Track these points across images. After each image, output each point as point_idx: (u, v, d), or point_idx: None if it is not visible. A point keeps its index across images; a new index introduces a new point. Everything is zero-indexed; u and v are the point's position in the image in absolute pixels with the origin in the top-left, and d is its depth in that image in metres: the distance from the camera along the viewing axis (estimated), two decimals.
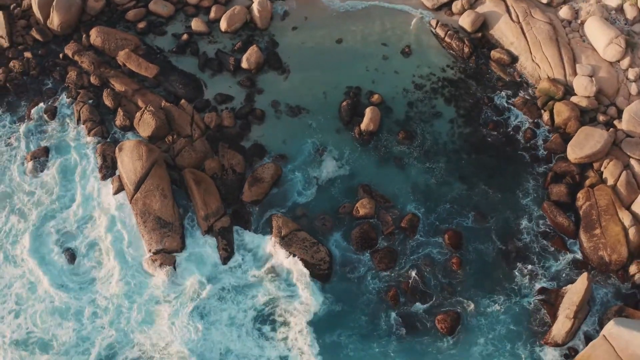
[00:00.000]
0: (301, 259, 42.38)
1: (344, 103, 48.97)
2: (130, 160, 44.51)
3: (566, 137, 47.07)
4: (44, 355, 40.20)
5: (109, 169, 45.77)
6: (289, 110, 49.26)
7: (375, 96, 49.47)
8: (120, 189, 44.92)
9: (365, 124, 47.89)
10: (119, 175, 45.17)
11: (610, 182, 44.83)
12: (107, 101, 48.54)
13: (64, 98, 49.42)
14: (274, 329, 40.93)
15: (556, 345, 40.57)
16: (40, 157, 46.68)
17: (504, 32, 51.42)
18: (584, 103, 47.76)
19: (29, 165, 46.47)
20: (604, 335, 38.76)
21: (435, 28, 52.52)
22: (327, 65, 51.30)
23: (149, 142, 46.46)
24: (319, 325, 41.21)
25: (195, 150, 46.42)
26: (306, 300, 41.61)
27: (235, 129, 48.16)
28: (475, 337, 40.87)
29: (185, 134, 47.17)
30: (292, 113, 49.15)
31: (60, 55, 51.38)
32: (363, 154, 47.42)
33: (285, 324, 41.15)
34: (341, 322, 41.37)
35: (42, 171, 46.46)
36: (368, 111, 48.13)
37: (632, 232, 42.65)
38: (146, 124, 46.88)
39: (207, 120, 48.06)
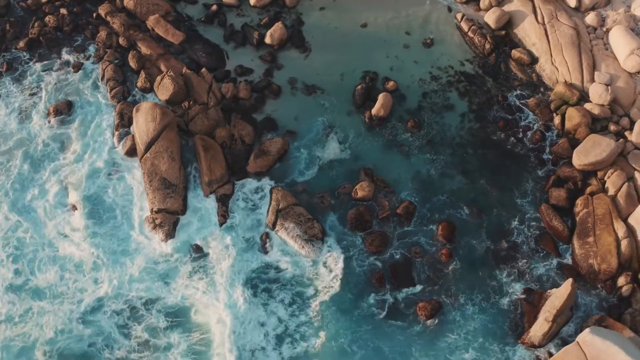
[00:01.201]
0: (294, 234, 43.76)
1: (359, 87, 49.33)
2: (144, 121, 45.87)
3: (574, 143, 46.48)
4: (36, 301, 41.88)
5: (124, 127, 47.29)
6: (305, 88, 49.83)
7: (391, 83, 49.67)
8: (132, 147, 46.38)
9: (376, 109, 48.17)
10: (132, 135, 46.71)
11: (611, 192, 44.27)
12: (132, 63, 50.07)
13: (92, 56, 51.02)
14: (255, 295, 41.75)
15: (532, 346, 40.57)
16: (63, 110, 48.42)
17: (527, 32, 50.89)
18: (596, 111, 47.06)
19: (51, 117, 48.22)
20: (577, 342, 38.57)
21: (460, 22, 52.31)
22: (349, 48, 51.60)
23: (166, 106, 47.75)
24: (303, 296, 41.99)
25: (208, 117, 47.51)
26: (294, 271, 42.62)
27: (250, 102, 49.02)
28: (452, 328, 41.14)
29: (202, 102, 48.32)
30: (308, 91, 49.73)
31: (94, 15, 53.01)
32: (370, 138, 47.79)
33: (268, 290, 42.10)
34: (323, 296, 41.77)
35: (62, 124, 48.11)
36: (381, 97, 48.39)
37: (624, 243, 42.13)
38: (165, 88, 48.14)
39: (224, 90, 49.06)
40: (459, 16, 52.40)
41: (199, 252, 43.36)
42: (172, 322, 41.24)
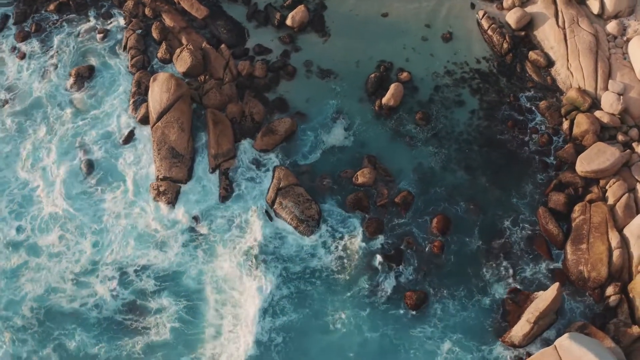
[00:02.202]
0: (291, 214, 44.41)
1: (373, 75, 49.37)
2: (159, 91, 46.74)
3: (580, 149, 45.84)
4: (32, 258, 43.35)
5: (141, 95, 48.34)
6: (320, 72, 50.04)
7: (405, 74, 49.54)
8: (145, 115, 47.39)
9: (386, 98, 48.17)
10: (147, 103, 47.63)
11: (610, 201, 43.69)
12: (155, 33, 50.84)
13: (117, 24, 52.01)
14: (249, 267, 42.64)
15: (512, 345, 40.65)
16: (84, 74, 49.61)
17: (547, 34, 50.12)
18: (606, 119, 46.31)
19: (72, 79, 49.44)
20: (555, 346, 38.59)
21: (481, 19, 51.77)
22: (367, 36, 51.55)
23: (182, 78, 48.56)
24: (292, 272, 42.84)
25: (222, 93, 48.16)
26: (287, 248, 43.46)
27: (264, 81, 49.46)
28: (432, 319, 41.40)
29: (217, 77, 48.97)
30: (322, 75, 49.93)
31: None
32: (378, 126, 47.96)
33: (262, 263, 43.17)
34: (313, 273, 42.74)
35: (81, 87, 49.32)
36: (392, 87, 48.35)
37: (616, 254, 41.63)
38: (183, 60, 48.87)
39: (240, 68, 49.60)
40: (480, 13, 51.78)
41: (198, 222, 44.25)
42: (163, 286, 42.33)
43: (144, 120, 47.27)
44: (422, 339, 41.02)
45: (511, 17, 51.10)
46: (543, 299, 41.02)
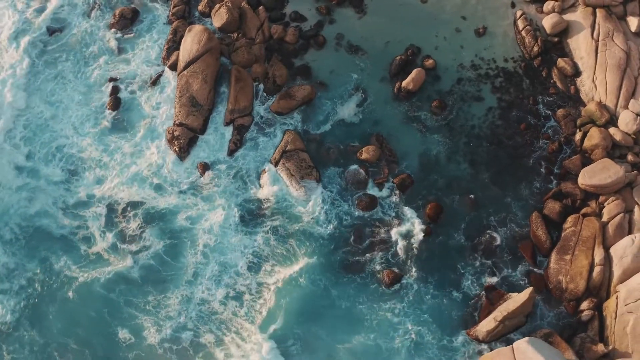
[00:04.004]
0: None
1: (398, 57, 49.13)
2: (191, 41, 47.98)
3: (587, 162, 44.77)
4: (33, 181, 45.42)
5: (175, 43, 49.59)
6: (349, 46, 50.11)
7: (430, 61, 49.11)
8: (175, 63, 48.71)
9: (406, 81, 47.95)
10: (179, 52, 48.84)
11: (604, 218, 42.66)
12: None
13: None
14: (242, 221, 44.03)
15: (476, 339, 40.77)
16: (126, 16, 51.21)
17: (579, 44, 48.63)
18: (618, 137, 44.94)
19: (114, 19, 51.08)
20: (512, 347, 38.46)
21: (517, 18, 50.63)
22: (402, 19, 51.14)
23: (216, 33, 49.66)
24: (283, 232, 43.82)
25: (250, 52, 48.96)
26: (281, 208, 44.39)
27: (293, 47, 49.99)
28: (405, 299, 41.73)
29: (250, 36, 49.74)
30: (350, 50, 49.99)
31: None
32: (393, 107, 47.87)
33: (255, 220, 44.17)
34: (300, 234, 43.68)
35: (122, 28, 50.94)
36: (415, 71, 48.10)
37: (597, 270, 40.83)
38: (220, 16, 49.83)
39: (273, 31, 50.18)
40: (518, 13, 50.51)
41: (202, 171, 45.52)
42: (154, 225, 44.08)
43: (173, 67, 48.65)
44: (389, 313, 41.68)
45: (547, 22, 49.82)
46: (515, 300, 40.78)
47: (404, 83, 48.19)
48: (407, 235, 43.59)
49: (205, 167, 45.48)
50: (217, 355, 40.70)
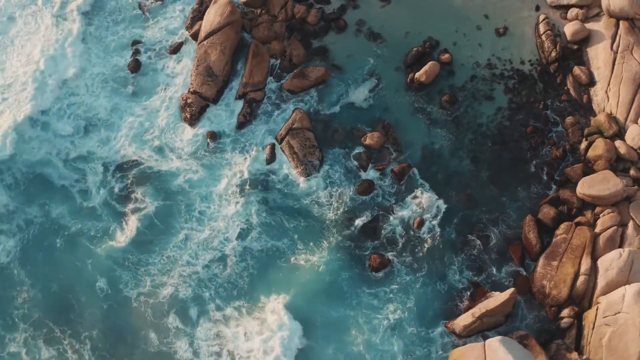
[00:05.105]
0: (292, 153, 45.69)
1: (415, 49, 48.87)
2: (214, 13, 48.60)
3: (589, 172, 43.97)
4: (42, 133, 46.66)
5: (200, 13, 50.21)
6: (369, 33, 49.99)
7: (447, 56, 48.71)
8: (197, 32, 49.36)
9: (420, 73, 47.71)
10: (202, 22, 49.45)
11: (597, 229, 42.12)
12: None
13: None
14: (241, 192, 44.68)
15: (453, 332, 40.92)
16: None
17: (597, 54, 47.72)
18: (623, 150, 44.15)
19: None
20: (485, 344, 38.56)
21: (539, 22, 49.83)
22: (425, 11, 50.78)
23: (241, 7, 50.04)
24: (279, 206, 44.50)
25: (271, 29, 49.24)
26: (280, 184, 45.03)
27: (314, 28, 50.08)
28: (390, 286, 42.04)
29: (273, 13, 49.99)
30: (369, 37, 49.89)
31: None
32: (403, 97, 47.72)
33: (254, 192, 44.79)
34: (296, 211, 44.29)
35: None
36: (429, 64, 47.80)
37: (581, 279, 40.44)
38: None
39: (296, 10, 50.37)
40: (541, 17, 49.71)
41: (209, 140, 46.25)
42: (153, 188, 45.06)
43: (195, 37, 49.28)
44: (372, 296, 41.98)
45: (569, 29, 48.89)
46: (495, 299, 40.76)
47: (417, 74, 47.95)
48: (400, 224, 43.71)
49: (212, 136, 46.20)
50: (191, 311, 41.70)
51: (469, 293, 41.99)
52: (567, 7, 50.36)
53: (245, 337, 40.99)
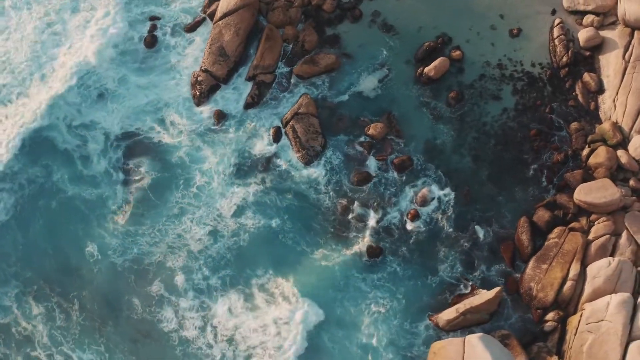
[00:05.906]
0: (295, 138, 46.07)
1: (427, 44, 48.71)
2: None
3: (588, 179, 43.66)
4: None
5: None
6: (383, 24, 49.94)
7: (458, 52, 48.50)
8: (213, 12, 49.80)
9: (429, 68, 47.61)
10: (219, 2, 49.88)
11: (590, 236, 41.89)
12: None
13: None
14: (238, 170, 45.38)
15: (437, 326, 41.24)
16: None
17: (608, 62, 47.07)
18: (624, 160, 43.64)
19: None
20: (465, 339, 38.76)
21: (554, 26, 49.31)
22: (441, 7, 50.44)
23: None
24: (275, 187, 45.07)
25: (286, 14, 49.54)
26: (280, 166, 45.55)
27: (329, 16, 50.17)
28: (380, 274, 42.47)
29: None
30: (383, 28, 49.83)
31: None
32: (411, 90, 47.71)
33: (252, 171, 45.47)
34: (293, 195, 44.78)
35: None
36: (439, 60, 47.70)
37: (568, 284, 40.34)
38: None
39: None
40: (556, 21, 49.09)
41: (216, 118, 46.79)
42: (153, 160, 45.91)
43: (211, 16, 49.71)
44: (361, 282, 42.46)
45: (583, 35, 48.24)
46: (480, 296, 40.93)
47: (426, 69, 47.83)
48: (395, 214, 43.95)
49: (219, 115, 46.74)
50: (177, 278, 42.75)
51: (459, 287, 42.22)
52: (584, 13, 49.60)
53: (229, 312, 41.90)
